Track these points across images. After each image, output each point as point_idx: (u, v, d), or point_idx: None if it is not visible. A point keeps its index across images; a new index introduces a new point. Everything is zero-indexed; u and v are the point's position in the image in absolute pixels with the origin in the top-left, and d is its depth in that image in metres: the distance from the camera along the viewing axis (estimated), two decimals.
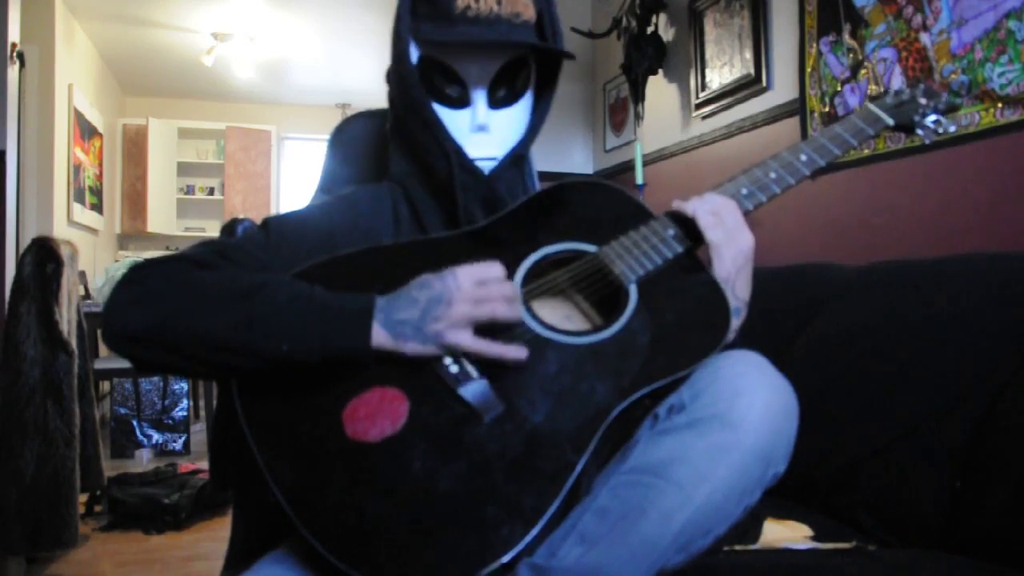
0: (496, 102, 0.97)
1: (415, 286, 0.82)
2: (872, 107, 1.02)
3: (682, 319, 0.87)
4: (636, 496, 0.73)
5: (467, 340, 0.79)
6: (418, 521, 0.72)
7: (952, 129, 1.04)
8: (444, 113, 0.96)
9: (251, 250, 0.90)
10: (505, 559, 0.70)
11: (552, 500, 0.72)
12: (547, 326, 0.85)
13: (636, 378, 0.80)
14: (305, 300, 0.80)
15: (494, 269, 0.83)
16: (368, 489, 0.74)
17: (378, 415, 0.77)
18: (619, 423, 0.78)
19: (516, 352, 0.80)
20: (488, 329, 0.82)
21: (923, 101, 1.04)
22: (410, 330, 0.79)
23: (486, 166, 0.97)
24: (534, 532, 0.71)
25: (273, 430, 0.78)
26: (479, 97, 0.96)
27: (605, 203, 0.99)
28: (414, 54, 0.96)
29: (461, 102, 0.96)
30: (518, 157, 1.01)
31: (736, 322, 0.93)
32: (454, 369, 0.81)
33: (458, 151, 0.96)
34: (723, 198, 0.93)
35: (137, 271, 0.84)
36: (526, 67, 0.99)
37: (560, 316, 0.91)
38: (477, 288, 0.80)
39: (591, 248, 0.93)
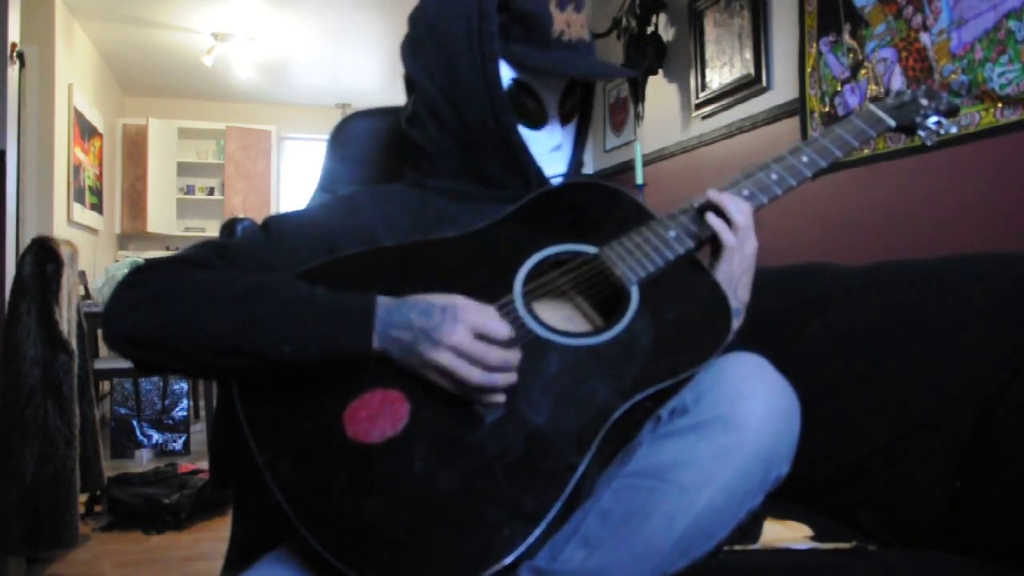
0: (564, 119, 1.01)
1: (417, 308, 0.79)
2: (874, 108, 1.02)
3: (684, 321, 0.87)
4: (639, 499, 0.73)
5: (443, 383, 0.78)
6: (419, 522, 0.72)
7: (953, 130, 1.03)
8: (526, 134, 0.97)
9: (251, 250, 0.90)
10: (507, 561, 0.69)
11: (554, 502, 0.72)
12: (548, 327, 0.85)
13: (638, 380, 0.80)
14: (305, 301, 0.80)
15: (499, 328, 0.78)
16: (369, 490, 0.74)
17: (379, 416, 0.77)
18: (621, 425, 0.78)
19: (492, 398, 0.78)
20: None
21: (924, 102, 1.04)
22: (398, 351, 0.78)
23: (555, 182, 1.01)
24: (536, 534, 0.71)
25: (274, 430, 0.78)
26: (553, 116, 1.00)
27: (606, 204, 0.98)
28: (504, 75, 0.95)
29: (540, 121, 0.99)
30: (577, 169, 1.05)
31: (735, 324, 0.93)
32: None
33: (539, 173, 0.98)
34: (740, 200, 0.93)
35: (136, 274, 0.83)
36: (576, 85, 1.02)
37: (561, 317, 0.91)
38: (470, 341, 0.77)
39: (592, 249, 0.92)
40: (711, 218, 0.92)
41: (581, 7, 0.98)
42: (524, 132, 0.97)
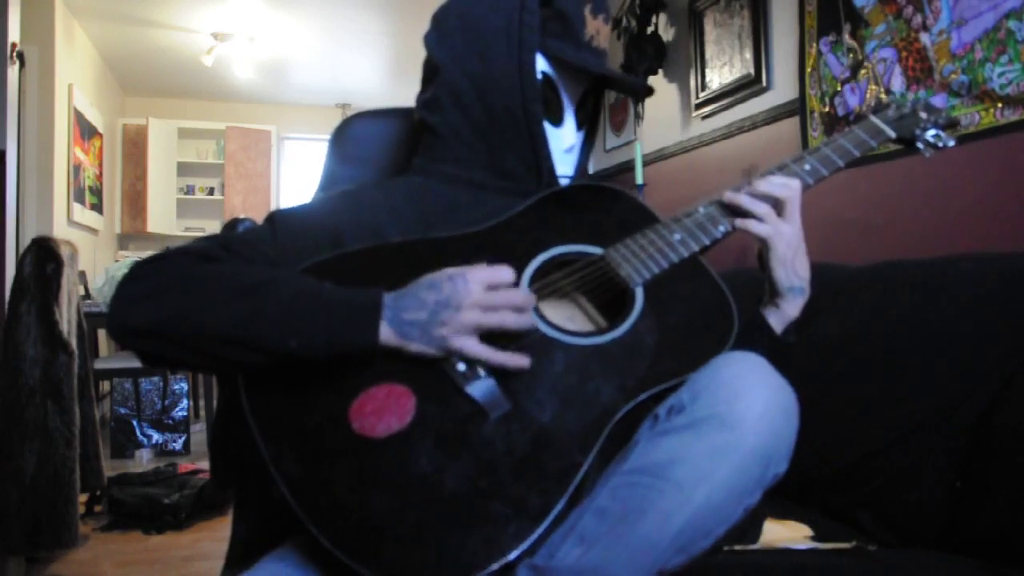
0: (579, 124, 1.04)
1: (424, 286, 0.81)
2: (875, 119, 1.04)
3: (688, 322, 0.87)
4: (635, 497, 0.73)
5: (472, 346, 0.79)
6: (424, 518, 0.72)
7: (951, 144, 1.05)
8: (547, 129, 0.99)
9: (256, 244, 0.90)
10: (511, 557, 0.70)
11: (558, 499, 0.72)
12: (554, 326, 0.85)
13: (642, 380, 0.80)
14: (312, 296, 0.80)
15: (505, 274, 0.82)
16: (374, 485, 0.74)
17: (385, 411, 0.77)
18: (624, 424, 0.79)
19: (519, 360, 0.80)
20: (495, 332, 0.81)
21: (924, 115, 1.06)
22: (417, 332, 0.79)
23: (563, 182, 1.02)
24: (540, 531, 0.71)
25: (279, 425, 0.78)
26: (570, 118, 1.02)
27: (611, 205, 0.99)
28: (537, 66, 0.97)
29: (559, 120, 1.01)
30: (582, 175, 1.07)
31: (801, 300, 0.96)
32: (462, 367, 0.81)
33: (551, 170, 1.00)
34: (786, 179, 0.95)
35: (142, 266, 0.84)
36: (591, 95, 1.05)
37: (564, 318, 0.91)
38: (487, 294, 0.80)
39: (597, 251, 0.93)
40: (739, 221, 0.93)
41: (609, 20, 1.02)
42: (545, 126, 0.99)
